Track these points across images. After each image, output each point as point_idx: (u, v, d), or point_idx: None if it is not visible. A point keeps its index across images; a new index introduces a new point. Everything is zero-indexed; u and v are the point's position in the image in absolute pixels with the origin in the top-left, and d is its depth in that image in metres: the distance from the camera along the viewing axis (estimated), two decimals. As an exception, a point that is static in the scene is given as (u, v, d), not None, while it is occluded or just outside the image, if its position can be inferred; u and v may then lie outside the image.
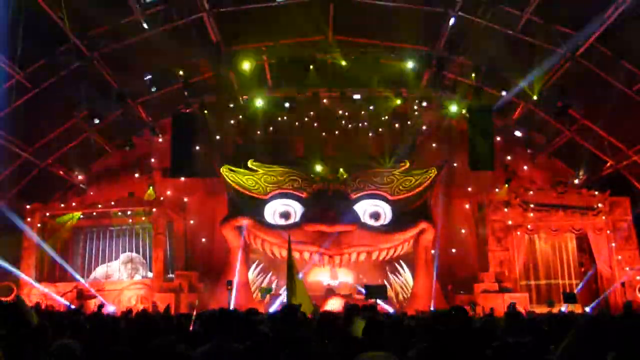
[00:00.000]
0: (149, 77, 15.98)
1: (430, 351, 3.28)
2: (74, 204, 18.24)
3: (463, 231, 19.25)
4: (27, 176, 17.02)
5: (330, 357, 3.89)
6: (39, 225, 17.61)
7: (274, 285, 17.88)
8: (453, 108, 17.89)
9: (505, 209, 18.04)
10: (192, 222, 19.10)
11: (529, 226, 18.07)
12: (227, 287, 14.87)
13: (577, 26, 13.15)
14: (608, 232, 17.79)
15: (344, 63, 15.90)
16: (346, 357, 3.65)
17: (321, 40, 15.78)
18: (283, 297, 15.40)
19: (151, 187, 18.68)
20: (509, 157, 18.99)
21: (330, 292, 17.29)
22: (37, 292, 16.77)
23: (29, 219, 17.58)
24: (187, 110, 16.87)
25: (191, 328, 6.89)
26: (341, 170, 18.50)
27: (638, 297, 16.62)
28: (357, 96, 18.09)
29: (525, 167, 19.20)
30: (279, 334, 4.94)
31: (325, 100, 18.91)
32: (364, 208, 18.47)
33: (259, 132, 19.11)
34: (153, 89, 16.41)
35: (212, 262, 18.53)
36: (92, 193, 18.83)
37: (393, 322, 5.94)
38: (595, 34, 12.77)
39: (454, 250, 18.92)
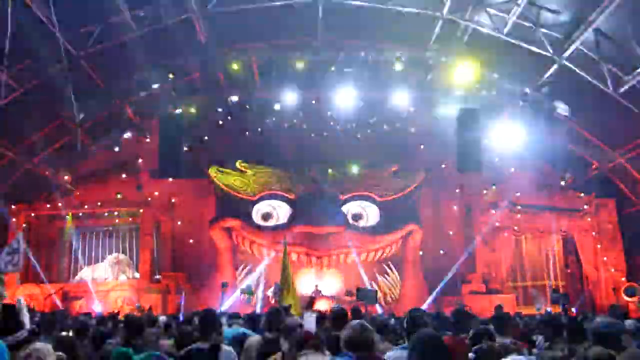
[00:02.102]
0: (137, 77, 15.85)
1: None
2: (60, 204, 18.08)
3: (451, 233, 19.33)
4: (12, 176, 16.83)
5: None
6: (24, 225, 17.44)
7: (261, 287, 17.82)
8: (442, 110, 17.95)
9: (493, 211, 18.16)
10: (179, 223, 19.00)
11: (515, 227, 18.20)
12: (222, 288, 14.80)
13: (564, 29, 13.26)
14: (594, 233, 17.97)
15: (332, 65, 15.88)
16: None
17: (310, 42, 15.77)
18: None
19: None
20: (497, 159, 19.08)
21: (318, 293, 17.27)
22: (22, 292, 16.58)
23: (13, 220, 17.40)
24: (175, 111, 16.77)
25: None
26: (330, 171, 18.51)
27: (623, 299, 16.80)
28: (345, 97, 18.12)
29: (512, 169, 19.31)
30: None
31: (313, 102, 18.89)
32: (349, 209, 18.54)
33: (247, 133, 19.06)
34: (141, 90, 16.31)
35: (199, 264, 18.46)
36: (78, 194, 18.66)
37: (380, 323, 5.99)
38: (581, 37, 12.88)
39: (442, 252, 18.99)
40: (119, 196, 18.31)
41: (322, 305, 15.89)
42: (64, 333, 5.63)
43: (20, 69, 13.57)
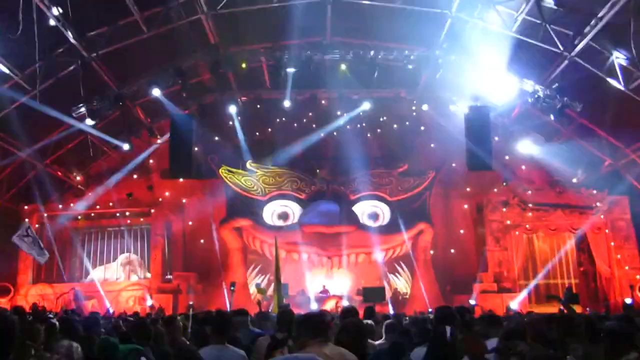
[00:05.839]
0: (148, 78, 15.95)
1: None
2: (72, 205, 18.23)
3: (462, 231, 19.24)
4: (25, 177, 17.01)
5: None
6: (36, 226, 17.60)
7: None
8: (451, 108, 17.92)
9: (504, 209, 18.05)
10: (190, 223, 19.08)
11: (527, 226, 18.08)
12: (229, 288, 14.91)
13: (574, 25, 13.16)
14: (607, 231, 17.78)
15: (342, 64, 15.87)
16: None
17: (319, 41, 15.78)
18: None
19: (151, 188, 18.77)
20: (507, 157, 18.98)
21: (325, 293, 17.26)
22: (34, 293, 16.79)
23: (26, 220, 17.55)
24: (186, 112, 16.85)
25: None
26: (339, 171, 18.52)
27: (637, 296, 16.63)
28: (355, 96, 18.18)
29: (523, 167, 19.20)
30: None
31: (323, 102, 18.92)
32: (363, 209, 18.51)
33: (257, 134, 19.12)
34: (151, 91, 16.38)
35: (210, 264, 18.52)
36: (90, 194, 18.81)
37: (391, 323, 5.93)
38: (591, 33, 12.76)
39: (452, 251, 18.91)
40: (130, 197, 18.48)
41: (332, 305, 15.90)
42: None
43: (32, 71, 13.69)
